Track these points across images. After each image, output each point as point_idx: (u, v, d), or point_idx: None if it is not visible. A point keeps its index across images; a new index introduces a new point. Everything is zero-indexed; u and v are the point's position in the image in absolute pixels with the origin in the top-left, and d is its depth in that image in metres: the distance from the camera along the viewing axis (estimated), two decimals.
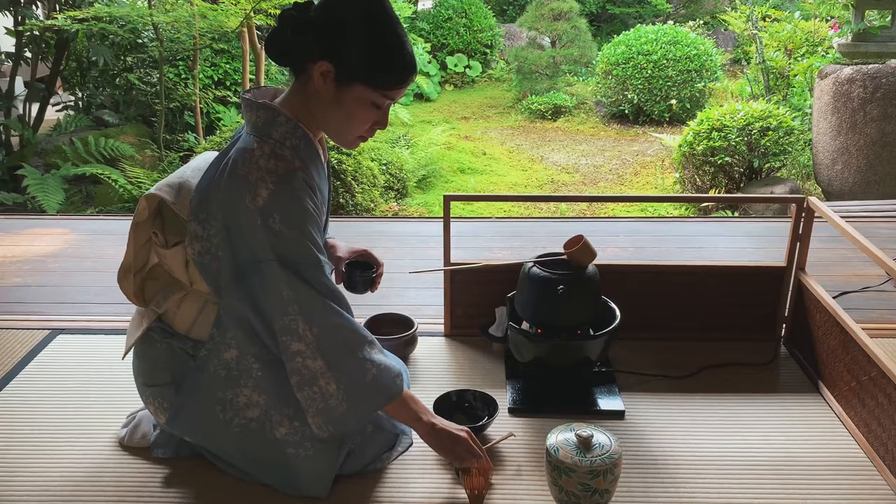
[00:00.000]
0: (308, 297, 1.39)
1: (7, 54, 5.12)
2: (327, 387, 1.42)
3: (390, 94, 1.40)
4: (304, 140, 1.44)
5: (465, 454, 1.51)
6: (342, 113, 1.41)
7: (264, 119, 1.43)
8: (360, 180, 4.58)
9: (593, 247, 1.81)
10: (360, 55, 1.35)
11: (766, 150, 4.87)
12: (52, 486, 1.58)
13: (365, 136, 1.47)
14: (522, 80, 7.98)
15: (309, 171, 1.44)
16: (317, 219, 1.43)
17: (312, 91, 1.41)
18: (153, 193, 1.50)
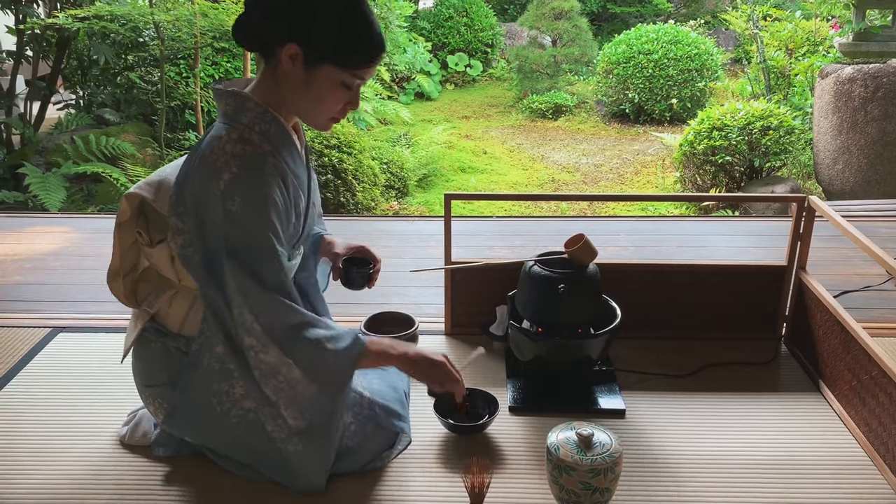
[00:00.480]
0: (249, 287, 1.37)
1: (8, 53, 5.12)
2: (290, 374, 1.40)
3: (360, 74, 1.40)
4: (274, 124, 1.44)
5: (443, 378, 1.53)
6: (312, 95, 1.40)
7: (233, 106, 1.43)
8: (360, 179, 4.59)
9: (594, 246, 1.81)
10: (328, 36, 1.35)
11: (766, 149, 4.87)
12: (53, 484, 1.58)
13: (337, 118, 1.46)
14: (523, 80, 7.97)
15: (281, 156, 1.43)
16: (284, 205, 1.41)
17: (282, 75, 1.40)
18: (133, 192, 1.51)
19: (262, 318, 1.37)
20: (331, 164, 4.45)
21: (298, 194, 1.48)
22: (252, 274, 1.37)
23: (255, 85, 1.46)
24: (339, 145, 4.57)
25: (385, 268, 1.84)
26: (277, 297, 1.39)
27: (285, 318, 1.39)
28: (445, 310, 2.20)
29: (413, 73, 8.17)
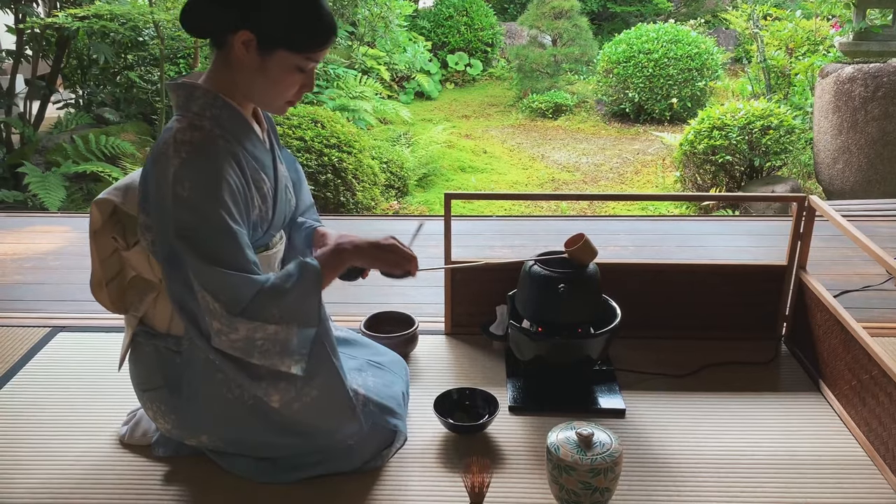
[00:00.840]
0: (205, 269, 1.35)
1: (8, 52, 5.12)
2: (266, 332, 1.39)
3: (314, 57, 1.40)
4: (226, 109, 1.43)
5: (400, 260, 1.53)
6: (268, 80, 1.40)
7: (183, 96, 1.43)
8: (360, 178, 4.58)
9: (594, 245, 1.81)
10: (280, 20, 1.35)
11: (767, 148, 4.86)
12: (53, 483, 1.58)
13: (293, 101, 1.46)
14: (523, 79, 7.97)
15: (237, 140, 1.43)
16: (239, 186, 1.41)
17: (235, 62, 1.40)
18: (102, 198, 1.52)
19: (223, 295, 1.36)
20: (331, 164, 4.45)
21: (261, 177, 1.48)
22: (207, 255, 1.36)
23: (206, 74, 1.46)
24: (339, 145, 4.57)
25: None
26: (235, 274, 1.37)
27: (246, 291, 1.38)
28: (445, 309, 2.20)
29: (413, 72, 8.17)
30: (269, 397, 1.46)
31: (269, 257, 1.60)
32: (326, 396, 1.50)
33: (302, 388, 1.47)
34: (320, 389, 1.49)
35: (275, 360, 1.42)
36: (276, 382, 1.45)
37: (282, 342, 1.41)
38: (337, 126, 4.65)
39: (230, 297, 1.36)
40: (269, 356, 1.41)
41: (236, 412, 1.51)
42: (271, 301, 1.39)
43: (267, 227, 1.54)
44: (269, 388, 1.45)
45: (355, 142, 4.70)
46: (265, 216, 1.51)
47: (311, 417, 1.51)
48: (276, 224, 1.57)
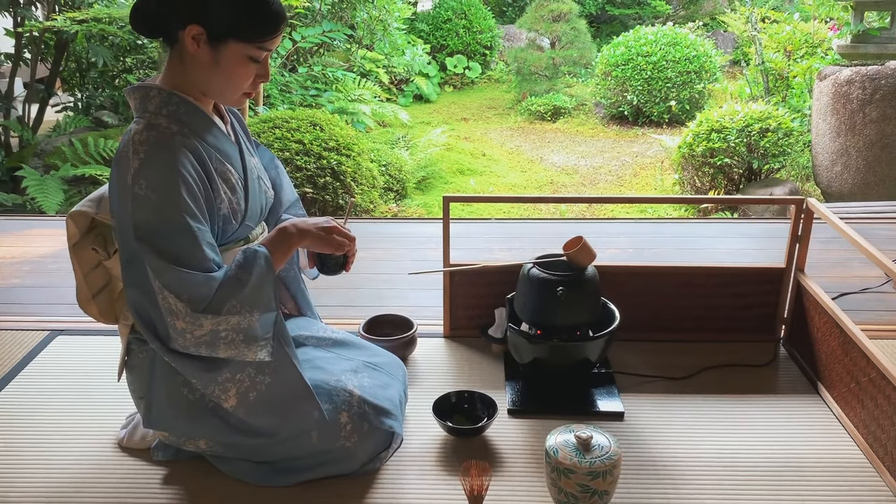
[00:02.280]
0: (166, 268, 1.35)
1: (6, 55, 5.12)
2: (230, 323, 1.40)
3: (265, 46, 1.40)
4: (182, 105, 1.44)
5: (342, 240, 1.53)
6: (222, 73, 1.41)
7: (139, 98, 1.44)
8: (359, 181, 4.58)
9: (593, 248, 1.81)
10: (228, 11, 1.35)
11: (765, 151, 4.87)
12: (52, 487, 1.58)
13: (249, 93, 1.47)
14: (522, 82, 7.98)
15: (197, 134, 1.44)
16: (198, 181, 1.41)
17: (188, 57, 1.40)
18: (76, 211, 1.54)
19: (185, 294, 1.36)
20: (329, 167, 4.45)
21: (226, 168, 1.49)
22: (167, 255, 1.36)
23: (161, 74, 1.47)
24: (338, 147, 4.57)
25: (383, 270, 1.84)
26: (195, 273, 1.37)
27: (207, 288, 1.38)
28: (444, 312, 2.20)
29: (411, 75, 8.17)
30: (227, 393, 1.48)
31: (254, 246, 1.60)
32: (279, 381, 1.51)
33: (255, 377, 1.49)
34: (273, 375, 1.50)
35: (241, 348, 1.43)
36: (234, 375, 1.47)
37: (245, 330, 1.42)
38: (336, 129, 4.66)
39: (193, 295, 1.37)
40: (235, 346, 1.42)
41: (198, 415, 1.52)
42: (231, 293, 1.40)
43: (241, 218, 1.54)
44: (227, 383, 1.47)
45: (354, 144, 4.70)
46: (237, 207, 1.52)
47: (268, 407, 1.51)
48: (252, 215, 1.58)
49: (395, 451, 1.65)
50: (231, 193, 1.50)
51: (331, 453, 1.56)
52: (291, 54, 6.48)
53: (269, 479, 1.57)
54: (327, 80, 6.39)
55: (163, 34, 1.42)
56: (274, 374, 1.50)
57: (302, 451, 1.56)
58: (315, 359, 1.65)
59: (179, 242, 1.37)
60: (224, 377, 1.47)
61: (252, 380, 1.49)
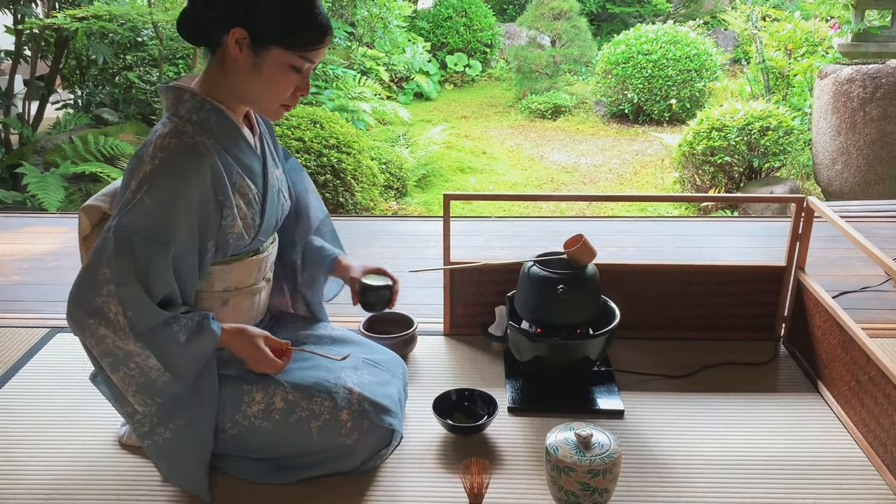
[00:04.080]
0: (128, 280, 1.34)
1: (7, 52, 5.11)
2: (146, 362, 1.40)
3: (309, 56, 1.40)
4: (214, 113, 1.43)
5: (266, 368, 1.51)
6: (262, 80, 1.40)
7: (171, 99, 1.44)
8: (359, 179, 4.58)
9: (593, 246, 1.81)
10: (274, 16, 1.35)
11: (765, 149, 4.87)
12: (51, 484, 1.58)
13: (288, 105, 1.46)
14: (522, 80, 7.97)
15: (223, 145, 1.44)
16: (203, 206, 1.40)
17: (230, 63, 1.40)
18: (90, 205, 1.53)
19: (131, 312, 1.36)
20: (329, 165, 4.45)
21: (246, 184, 1.48)
22: (135, 265, 1.35)
23: (199, 78, 1.46)
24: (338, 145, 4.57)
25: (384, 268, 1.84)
26: (149, 301, 1.37)
27: (152, 319, 1.38)
28: (444, 310, 2.20)
29: (412, 73, 8.17)
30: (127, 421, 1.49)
31: (260, 261, 1.61)
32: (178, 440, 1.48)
33: (157, 427, 1.47)
34: (174, 433, 1.48)
35: (131, 387, 1.42)
36: (134, 416, 1.46)
37: (151, 380, 1.42)
38: (336, 127, 4.66)
39: (139, 318, 1.36)
40: (130, 381, 1.41)
41: None
42: (164, 341, 1.40)
43: (255, 233, 1.54)
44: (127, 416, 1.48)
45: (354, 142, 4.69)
46: (251, 223, 1.51)
47: (160, 457, 1.51)
48: (266, 230, 1.58)
49: (395, 448, 1.65)
50: (247, 209, 1.49)
51: (331, 451, 1.56)
52: None
53: (269, 477, 1.57)
54: (327, 77, 6.39)
55: (206, 40, 1.42)
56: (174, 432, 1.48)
57: (302, 449, 1.56)
58: (315, 356, 1.65)
59: (151, 259, 1.36)
60: (125, 411, 1.48)
61: (153, 427, 1.47)
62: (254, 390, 1.54)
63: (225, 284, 1.55)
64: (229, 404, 1.53)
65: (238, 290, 1.58)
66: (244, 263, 1.56)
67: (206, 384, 1.50)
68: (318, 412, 1.54)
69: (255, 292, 1.63)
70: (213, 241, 1.46)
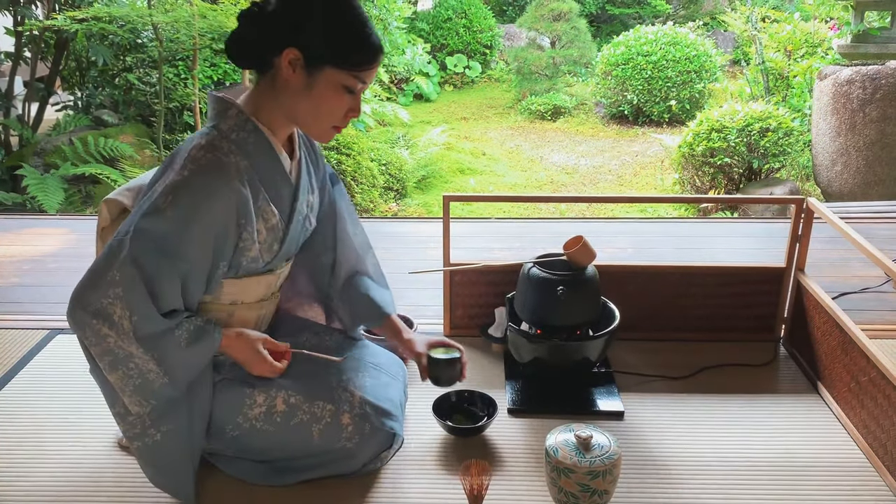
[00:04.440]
0: (136, 286, 1.34)
1: (6, 54, 5.11)
2: (146, 365, 1.40)
3: (362, 76, 1.40)
4: (254, 135, 1.43)
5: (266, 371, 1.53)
6: (314, 101, 1.40)
7: (216, 111, 1.43)
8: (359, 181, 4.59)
9: (593, 247, 1.81)
10: (327, 36, 1.34)
11: (765, 150, 4.87)
12: (51, 486, 1.58)
13: (339, 126, 1.46)
14: (522, 81, 7.97)
15: (256, 170, 1.42)
16: (221, 227, 1.39)
17: (281, 84, 1.39)
18: (112, 198, 1.52)
19: (136, 318, 1.35)
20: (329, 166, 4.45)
21: (271, 210, 1.47)
22: (143, 269, 1.34)
23: (247, 94, 1.45)
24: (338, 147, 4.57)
25: (383, 269, 1.84)
26: (154, 311, 1.36)
27: (156, 326, 1.38)
28: (444, 311, 2.20)
29: (412, 74, 8.17)
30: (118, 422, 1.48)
31: (271, 280, 1.60)
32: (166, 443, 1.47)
33: (148, 429, 1.46)
34: (164, 436, 1.47)
35: (128, 387, 1.41)
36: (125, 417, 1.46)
37: (146, 381, 1.41)
38: None
39: (142, 323, 1.36)
40: (127, 382, 1.41)
41: None
42: (166, 346, 1.39)
43: (272, 257, 1.53)
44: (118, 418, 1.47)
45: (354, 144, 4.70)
46: (269, 248, 1.50)
47: (148, 461, 1.50)
48: (283, 255, 1.57)
49: (396, 451, 1.65)
50: (267, 234, 1.48)
51: (331, 454, 1.56)
52: None
53: (268, 479, 1.57)
54: None
55: (257, 62, 1.41)
56: (165, 435, 1.47)
57: (302, 451, 1.55)
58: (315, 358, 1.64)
59: (161, 269, 1.36)
60: (117, 411, 1.47)
61: (145, 429, 1.46)
62: (255, 393, 1.54)
63: (232, 298, 1.54)
64: (231, 407, 1.53)
65: (245, 304, 1.57)
66: (255, 280, 1.55)
67: (199, 388, 1.50)
68: (319, 415, 1.54)
69: (261, 307, 1.62)
70: (226, 261, 1.45)
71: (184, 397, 1.47)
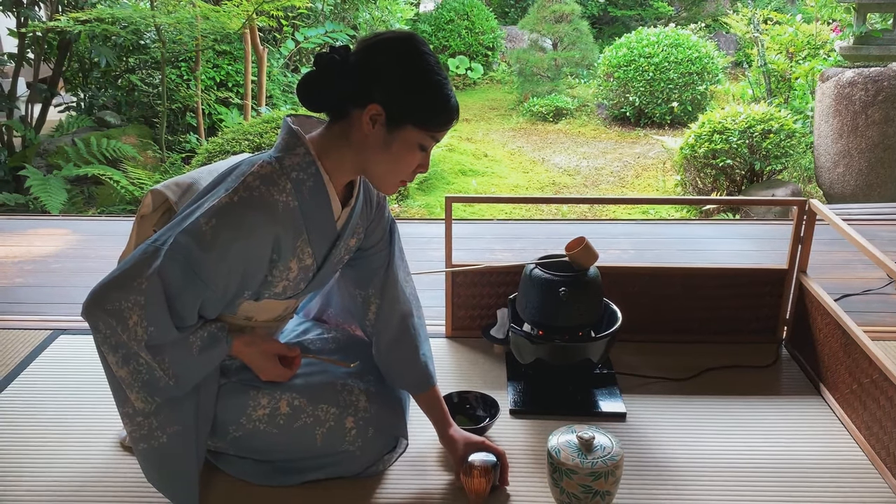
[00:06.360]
0: (159, 302, 1.33)
1: (10, 55, 5.13)
2: (153, 362, 1.39)
3: (438, 136, 1.39)
4: (314, 179, 1.40)
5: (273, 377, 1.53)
6: (390, 157, 1.38)
7: (286, 143, 1.41)
8: None
9: (595, 249, 1.81)
10: (411, 96, 1.33)
11: (767, 152, 4.87)
12: (53, 485, 1.59)
13: (406, 180, 1.44)
14: (524, 83, 7.98)
15: (304, 212, 1.40)
16: (254, 258, 1.38)
17: (358, 137, 1.37)
18: (159, 190, 1.51)
19: (152, 328, 1.35)
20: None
21: (307, 252, 1.45)
22: (171, 287, 1.34)
23: (317, 135, 1.43)
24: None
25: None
26: (172, 326, 1.36)
27: (169, 337, 1.37)
28: (446, 312, 2.20)
29: None
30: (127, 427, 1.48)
31: (290, 304, 1.60)
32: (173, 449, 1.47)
33: (154, 431, 1.46)
34: (170, 438, 1.47)
35: (136, 383, 1.41)
36: (134, 417, 1.46)
37: (153, 378, 1.40)
38: None
39: (157, 335, 1.35)
40: (136, 377, 1.40)
41: None
42: (177, 352, 1.39)
43: (293, 293, 1.52)
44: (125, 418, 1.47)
45: None
46: (296, 285, 1.49)
47: (152, 464, 1.50)
48: (308, 291, 1.56)
49: (400, 454, 1.65)
50: (297, 272, 1.47)
51: (335, 456, 1.56)
52: (294, 55, 6.49)
53: (270, 479, 1.57)
54: None
55: (331, 108, 1.39)
56: (171, 437, 1.47)
57: (305, 453, 1.56)
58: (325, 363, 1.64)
59: (188, 287, 1.35)
60: (125, 411, 1.47)
61: (151, 430, 1.46)
62: (259, 395, 1.54)
63: (248, 315, 1.54)
64: (234, 408, 1.53)
65: (260, 321, 1.57)
66: (274, 304, 1.54)
67: (205, 391, 1.50)
68: (323, 418, 1.54)
69: (276, 326, 1.63)
70: (251, 290, 1.45)
71: (190, 399, 1.47)
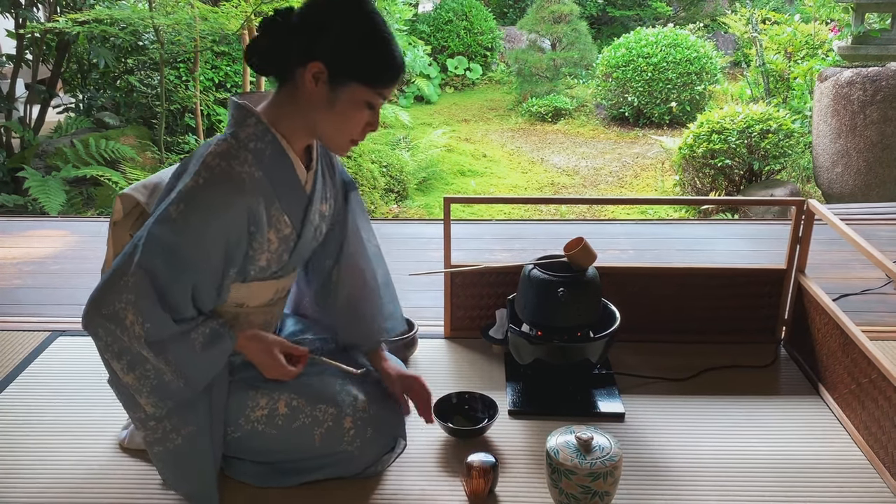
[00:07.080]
0: (147, 293, 1.33)
1: (8, 56, 5.12)
2: (160, 366, 1.39)
3: (384, 93, 1.39)
4: (272, 146, 1.41)
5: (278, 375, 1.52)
6: (335, 116, 1.39)
7: (236, 118, 1.42)
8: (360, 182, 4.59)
9: (593, 249, 1.81)
10: (353, 53, 1.34)
11: (766, 152, 4.87)
12: (52, 488, 1.58)
13: (356, 140, 1.45)
14: (523, 83, 7.98)
15: (271, 182, 1.41)
16: (233, 234, 1.38)
17: (303, 96, 1.38)
18: (127, 194, 1.52)
19: (148, 324, 1.35)
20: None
21: (283, 220, 1.46)
22: (157, 281, 1.34)
23: (267, 103, 1.44)
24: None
25: None
26: (167, 317, 1.36)
27: (168, 331, 1.37)
28: (445, 313, 2.20)
29: (412, 76, 8.18)
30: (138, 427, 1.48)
31: (279, 285, 1.59)
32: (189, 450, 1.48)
33: (169, 433, 1.46)
34: (185, 439, 1.47)
35: (145, 388, 1.41)
36: (146, 422, 1.46)
37: (162, 382, 1.41)
38: None
39: (154, 329, 1.35)
40: (144, 382, 1.40)
41: None
42: (180, 350, 1.39)
43: (280, 266, 1.52)
44: (138, 423, 1.47)
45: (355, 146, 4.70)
46: (279, 257, 1.49)
47: (169, 465, 1.50)
48: (292, 265, 1.56)
49: (399, 455, 1.65)
50: (278, 244, 1.47)
51: (333, 457, 1.56)
52: None
53: (269, 480, 1.57)
54: None
55: (278, 70, 1.40)
56: (186, 438, 1.47)
57: (304, 454, 1.56)
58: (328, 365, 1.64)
59: (175, 276, 1.35)
60: (137, 416, 1.47)
61: (166, 433, 1.47)
62: (258, 395, 1.54)
63: (238, 301, 1.53)
64: (233, 408, 1.53)
65: (251, 307, 1.56)
66: (263, 285, 1.54)
67: (217, 390, 1.50)
68: (321, 419, 1.54)
69: (268, 312, 1.62)
70: (235, 267, 1.44)
71: (202, 398, 1.47)
